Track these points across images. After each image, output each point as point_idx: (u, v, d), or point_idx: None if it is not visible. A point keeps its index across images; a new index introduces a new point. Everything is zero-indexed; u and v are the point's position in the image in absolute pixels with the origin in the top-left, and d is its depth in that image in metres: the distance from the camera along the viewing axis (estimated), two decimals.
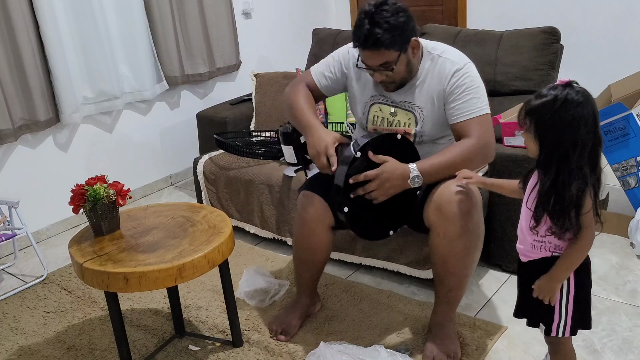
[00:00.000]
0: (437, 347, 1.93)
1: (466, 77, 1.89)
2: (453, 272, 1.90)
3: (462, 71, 1.90)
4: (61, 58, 3.04)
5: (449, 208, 1.80)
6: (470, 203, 1.81)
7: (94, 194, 1.85)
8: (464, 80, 1.89)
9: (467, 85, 1.88)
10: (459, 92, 1.89)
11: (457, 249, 1.85)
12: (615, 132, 2.54)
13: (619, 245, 2.58)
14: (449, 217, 1.81)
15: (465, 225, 1.82)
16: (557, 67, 2.80)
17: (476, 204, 1.84)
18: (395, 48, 1.82)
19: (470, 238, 1.84)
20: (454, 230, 1.82)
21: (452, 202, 1.80)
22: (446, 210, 1.81)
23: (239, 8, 4.09)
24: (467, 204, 1.81)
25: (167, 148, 3.84)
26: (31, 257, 2.98)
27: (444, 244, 1.85)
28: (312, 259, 2.12)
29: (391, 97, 2.01)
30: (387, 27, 1.79)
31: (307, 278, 2.18)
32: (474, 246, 1.88)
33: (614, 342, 1.98)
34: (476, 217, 1.85)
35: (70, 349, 2.18)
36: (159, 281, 1.72)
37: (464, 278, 1.92)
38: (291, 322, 2.14)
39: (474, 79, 1.90)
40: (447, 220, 1.82)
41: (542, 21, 3.55)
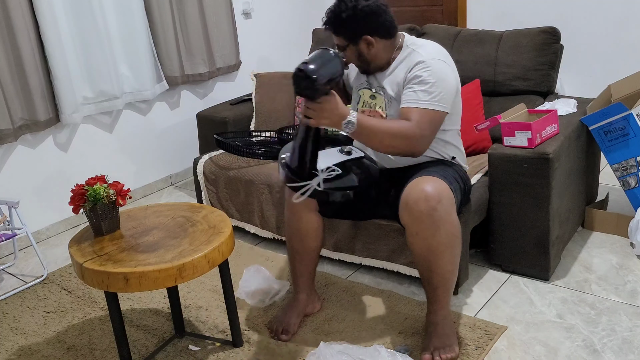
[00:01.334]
0: (435, 345, 1.94)
1: (426, 70, 1.93)
2: (435, 270, 1.91)
3: (425, 64, 1.95)
4: (61, 58, 3.04)
5: (416, 206, 1.83)
6: (437, 199, 1.82)
7: (94, 194, 1.85)
8: (422, 72, 1.93)
9: (424, 77, 1.92)
10: (414, 81, 1.94)
11: (432, 246, 1.86)
12: (615, 132, 2.54)
13: (619, 245, 2.58)
14: (417, 215, 1.83)
15: (435, 223, 1.82)
16: (557, 67, 2.80)
17: (442, 200, 1.83)
18: (344, 37, 2.01)
19: (443, 235, 1.84)
20: (424, 227, 1.83)
21: (419, 200, 1.82)
22: (413, 208, 1.84)
23: (239, 8, 4.09)
24: (433, 201, 1.81)
25: (167, 148, 3.84)
26: (31, 257, 2.98)
27: (418, 242, 1.88)
28: (302, 246, 2.14)
29: (372, 83, 2.12)
30: (344, 16, 1.97)
31: (302, 270, 2.18)
32: (450, 243, 1.87)
33: (614, 342, 1.98)
34: (445, 214, 1.84)
35: (70, 349, 2.18)
36: (159, 281, 1.72)
37: (447, 274, 1.92)
38: (290, 321, 2.14)
39: (434, 74, 1.93)
40: (416, 219, 1.84)
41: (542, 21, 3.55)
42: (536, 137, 2.25)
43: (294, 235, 2.15)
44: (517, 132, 2.27)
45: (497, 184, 2.33)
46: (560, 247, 2.44)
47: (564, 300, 2.23)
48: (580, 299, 2.23)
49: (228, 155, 2.99)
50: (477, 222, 2.34)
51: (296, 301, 2.20)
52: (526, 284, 2.35)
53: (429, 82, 1.91)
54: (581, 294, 2.26)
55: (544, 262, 2.32)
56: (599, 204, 2.83)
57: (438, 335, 1.96)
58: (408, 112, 1.92)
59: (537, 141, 2.25)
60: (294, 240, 2.16)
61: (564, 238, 2.49)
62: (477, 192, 2.33)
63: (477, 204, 2.29)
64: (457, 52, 2.92)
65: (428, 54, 1.98)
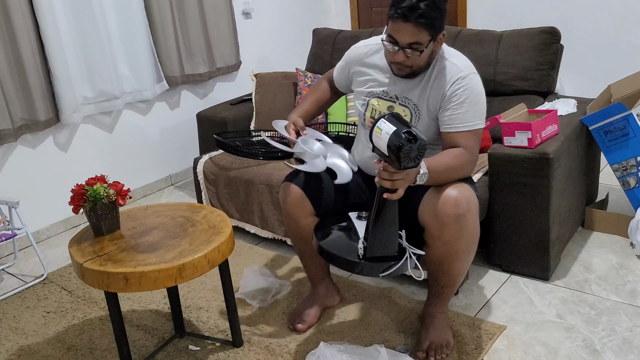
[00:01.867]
0: (430, 337, 1.95)
1: (467, 87, 1.84)
2: (447, 272, 1.91)
3: (465, 80, 1.84)
4: (61, 58, 3.04)
5: (444, 211, 1.79)
6: (466, 207, 1.80)
7: (94, 194, 1.85)
8: (464, 90, 1.83)
9: (467, 96, 1.84)
10: (457, 101, 1.84)
11: (451, 251, 1.85)
12: (615, 132, 2.54)
13: (619, 245, 2.58)
14: (444, 220, 1.80)
15: (460, 230, 1.81)
16: (557, 67, 2.80)
17: (471, 208, 1.81)
18: (431, 31, 1.76)
19: (465, 241, 1.84)
20: (449, 233, 1.81)
21: (447, 204, 1.79)
22: (441, 213, 1.80)
23: (239, 8, 4.09)
24: (462, 208, 1.79)
25: (167, 148, 3.84)
26: (31, 257, 2.98)
27: (438, 245, 1.85)
28: (307, 248, 2.13)
29: (391, 92, 1.98)
30: (433, 6, 1.73)
31: (314, 267, 2.20)
32: (469, 249, 1.88)
33: (614, 342, 1.98)
34: (471, 221, 1.82)
35: (70, 349, 2.18)
36: (159, 281, 1.72)
37: (457, 277, 1.94)
38: (310, 313, 2.17)
39: (474, 91, 1.85)
40: (442, 224, 1.81)
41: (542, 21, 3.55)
42: (536, 137, 2.25)
43: (296, 238, 2.14)
44: (517, 132, 2.27)
45: (497, 184, 2.33)
46: (560, 247, 2.44)
47: (564, 300, 2.23)
48: (580, 299, 2.23)
49: (228, 155, 2.99)
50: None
51: (315, 294, 2.22)
52: (526, 284, 2.35)
53: (473, 101, 1.84)
54: (581, 294, 2.26)
55: (544, 262, 2.32)
56: (599, 204, 2.83)
57: (435, 327, 1.97)
58: (455, 136, 1.85)
59: (537, 141, 2.25)
60: (298, 242, 2.16)
61: (564, 238, 2.49)
62: (477, 192, 2.33)
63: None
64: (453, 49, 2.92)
65: (465, 67, 1.87)
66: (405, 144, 1.55)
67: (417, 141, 1.56)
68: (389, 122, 1.61)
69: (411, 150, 1.57)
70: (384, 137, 1.60)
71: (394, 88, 1.97)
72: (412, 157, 1.59)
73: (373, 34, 2.96)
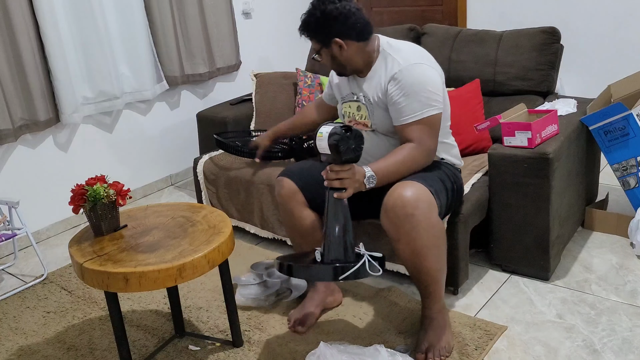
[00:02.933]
0: (430, 339, 1.95)
1: (404, 80, 1.93)
2: (421, 270, 1.91)
3: (402, 74, 1.94)
4: (61, 58, 3.04)
5: (394, 212, 1.83)
6: (414, 205, 1.81)
7: (94, 194, 1.85)
8: (402, 83, 1.93)
9: (406, 89, 1.92)
10: (398, 95, 1.94)
11: (415, 249, 1.86)
12: (615, 132, 2.54)
13: (619, 245, 2.58)
14: (395, 221, 1.83)
15: (414, 228, 1.82)
16: (557, 67, 2.80)
17: (419, 205, 1.82)
18: (316, 40, 2.03)
19: (424, 238, 1.84)
20: (405, 233, 1.83)
21: (395, 206, 1.83)
22: (391, 215, 1.84)
23: (239, 8, 4.09)
24: (410, 207, 1.81)
25: (167, 148, 3.84)
26: (31, 257, 2.98)
27: (401, 247, 1.88)
28: (304, 240, 2.15)
29: (356, 92, 2.12)
30: (313, 20, 1.99)
31: None
32: (432, 244, 1.87)
33: (614, 342, 1.98)
34: (423, 218, 1.83)
35: (70, 349, 2.18)
36: (159, 281, 1.72)
37: (435, 273, 1.93)
38: (309, 312, 2.18)
39: (414, 81, 1.93)
40: (394, 225, 1.84)
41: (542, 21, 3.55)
42: (536, 137, 2.25)
43: (292, 232, 2.17)
44: (517, 132, 2.27)
45: (497, 184, 2.33)
46: (560, 247, 2.44)
47: (564, 300, 2.23)
48: (580, 299, 2.23)
49: (228, 155, 2.99)
50: (477, 222, 2.34)
51: (315, 292, 2.23)
52: (526, 284, 2.35)
53: (414, 91, 1.92)
54: (581, 294, 2.26)
55: (544, 262, 2.32)
56: (599, 204, 2.83)
57: (433, 328, 1.97)
58: (405, 129, 1.95)
59: (537, 141, 2.25)
60: (294, 236, 2.19)
61: (564, 238, 2.49)
62: (477, 192, 2.33)
63: (477, 204, 2.29)
64: (457, 52, 2.92)
65: (404, 60, 1.98)
66: (342, 135, 1.68)
67: (352, 131, 1.69)
68: (328, 125, 1.75)
69: (348, 140, 1.69)
70: (324, 137, 1.73)
71: (355, 87, 2.13)
72: (351, 148, 1.71)
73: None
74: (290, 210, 2.12)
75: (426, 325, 1.99)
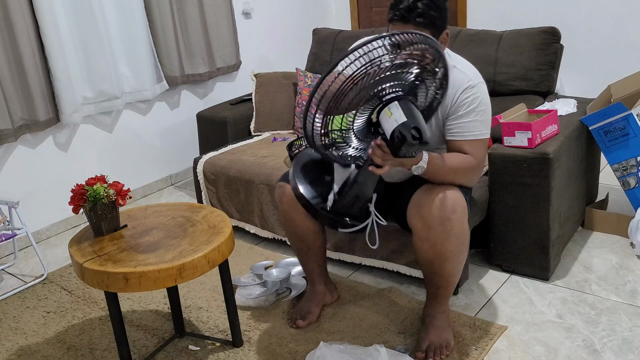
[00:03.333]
0: (430, 338, 1.95)
1: (476, 97, 1.82)
2: (439, 272, 1.91)
3: (474, 90, 1.82)
4: (61, 58, 3.04)
5: (430, 213, 1.79)
6: (452, 209, 1.79)
7: (94, 194, 1.85)
8: (473, 100, 1.82)
9: (476, 106, 1.82)
10: (466, 110, 1.82)
11: (440, 252, 1.84)
12: (615, 132, 2.54)
13: (619, 245, 2.58)
14: (430, 222, 1.80)
15: (446, 232, 1.80)
16: (557, 67, 2.80)
17: (456, 210, 1.80)
18: (432, 30, 1.74)
19: (452, 243, 1.83)
20: (435, 235, 1.81)
21: (433, 207, 1.79)
22: (426, 215, 1.80)
23: (239, 8, 4.09)
24: (448, 210, 1.79)
25: (167, 148, 3.84)
26: (31, 257, 2.98)
27: (426, 247, 1.86)
28: (305, 245, 2.15)
29: None
30: (431, 5, 1.73)
31: (312, 265, 2.21)
32: (458, 250, 1.86)
33: (614, 342, 1.98)
34: (457, 223, 1.81)
35: (70, 349, 2.18)
36: (159, 281, 1.72)
37: (450, 277, 1.93)
38: (310, 309, 2.18)
39: (483, 101, 1.84)
40: (427, 225, 1.81)
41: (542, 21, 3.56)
42: (536, 137, 2.25)
43: (293, 237, 2.16)
44: (517, 132, 2.27)
45: (497, 184, 2.33)
46: (560, 247, 2.44)
47: (564, 300, 2.23)
48: (580, 299, 2.23)
49: (228, 155, 2.99)
50: (477, 222, 2.34)
51: (314, 292, 2.23)
52: (526, 284, 2.35)
53: (481, 111, 1.83)
54: (581, 294, 2.26)
55: (544, 262, 2.32)
56: (599, 204, 2.83)
57: (434, 327, 1.97)
58: (466, 145, 1.84)
59: (537, 141, 2.25)
60: (294, 241, 2.17)
61: (564, 238, 2.49)
62: (477, 192, 2.33)
63: (477, 204, 2.29)
64: (457, 52, 2.89)
65: (473, 75, 1.85)
66: (409, 140, 1.52)
67: (421, 142, 1.53)
68: (401, 109, 1.55)
69: (413, 148, 1.55)
70: (391, 122, 1.54)
71: None
72: (410, 152, 1.59)
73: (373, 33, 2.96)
74: (291, 216, 2.09)
75: (427, 324, 1.99)
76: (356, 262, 2.53)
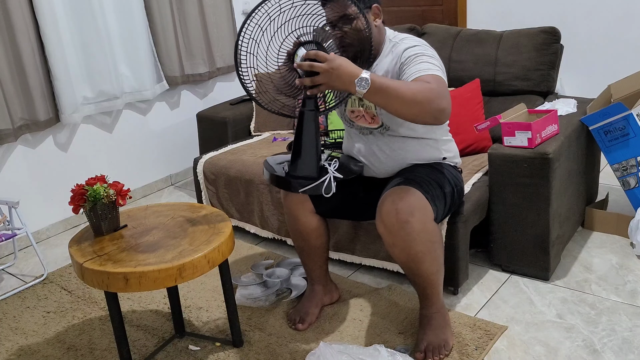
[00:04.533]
0: (428, 338, 1.95)
1: (415, 49, 1.85)
2: (418, 274, 1.91)
3: (415, 48, 1.86)
4: (61, 58, 3.04)
5: (389, 219, 1.81)
6: (408, 212, 1.79)
7: (94, 194, 1.85)
8: (416, 51, 1.84)
9: (421, 52, 1.84)
10: (410, 60, 1.82)
11: (410, 255, 1.84)
12: (615, 132, 2.54)
13: (619, 245, 2.58)
14: (390, 228, 1.82)
15: (409, 235, 1.80)
16: (557, 67, 2.80)
17: (414, 213, 1.79)
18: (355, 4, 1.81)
19: (420, 244, 1.83)
20: (400, 239, 1.82)
21: (390, 213, 1.80)
22: (386, 221, 1.82)
23: (239, 8, 4.09)
24: (404, 214, 1.79)
25: (167, 148, 3.84)
26: (31, 257, 2.98)
27: (397, 252, 1.86)
28: (307, 244, 2.15)
29: None
30: None
31: (312, 265, 2.21)
32: (428, 249, 1.85)
33: (614, 342, 1.98)
34: (418, 225, 1.80)
35: (70, 349, 2.18)
36: (159, 281, 1.72)
37: (431, 276, 1.91)
38: (308, 311, 2.18)
39: (425, 50, 1.86)
40: (389, 231, 1.82)
41: (542, 21, 3.56)
42: (536, 137, 2.25)
43: (296, 235, 2.16)
44: (517, 132, 2.27)
45: (497, 184, 2.33)
46: (560, 247, 2.44)
47: (564, 300, 2.23)
48: (580, 299, 2.23)
49: (228, 155, 2.99)
50: (477, 222, 2.34)
51: (313, 292, 2.23)
52: (526, 284, 2.35)
53: (428, 55, 1.84)
54: (581, 294, 2.26)
55: (544, 262, 2.32)
56: (599, 204, 2.83)
57: (432, 327, 1.97)
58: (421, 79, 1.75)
59: (537, 141, 2.25)
60: (297, 239, 2.18)
61: (564, 238, 2.49)
62: (477, 192, 2.33)
63: (477, 204, 2.29)
64: (457, 52, 2.92)
65: (414, 41, 1.91)
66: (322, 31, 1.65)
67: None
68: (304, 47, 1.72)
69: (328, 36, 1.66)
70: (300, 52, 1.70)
71: None
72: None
73: None
74: (296, 215, 2.10)
75: (424, 324, 1.99)
76: (356, 262, 2.53)
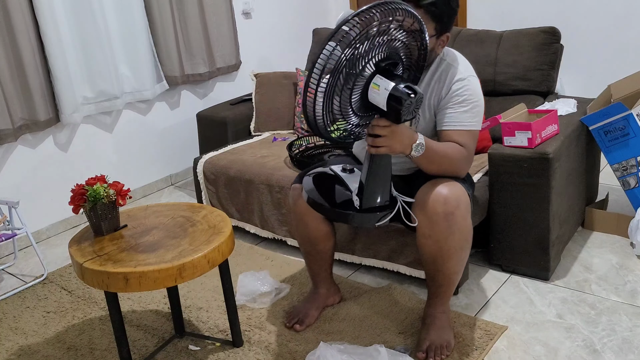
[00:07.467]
0: (431, 338, 1.95)
1: (467, 88, 1.86)
2: (441, 270, 1.91)
3: (465, 82, 1.87)
4: (61, 58, 3.04)
5: (433, 209, 1.80)
6: (455, 204, 1.80)
7: (94, 194, 1.85)
8: (464, 91, 1.86)
9: (466, 97, 1.86)
10: (457, 101, 1.86)
11: (444, 249, 1.85)
12: (615, 132, 2.54)
13: (619, 245, 2.58)
14: (433, 218, 1.81)
15: (450, 227, 1.80)
16: (557, 67, 2.80)
17: (460, 205, 1.81)
18: (438, 24, 1.79)
19: (456, 239, 1.83)
20: (439, 231, 1.81)
21: (437, 202, 1.79)
22: (430, 211, 1.81)
23: (239, 8, 4.09)
24: (451, 206, 1.79)
25: (167, 148, 3.84)
26: (31, 257, 2.98)
27: (429, 244, 1.86)
28: (315, 249, 2.14)
29: None
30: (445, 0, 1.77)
31: (317, 269, 2.21)
32: (461, 247, 1.87)
33: (614, 342, 1.98)
34: (461, 219, 1.82)
35: (70, 349, 2.18)
36: (159, 281, 1.72)
37: (453, 275, 1.93)
38: (308, 312, 2.18)
39: (473, 92, 1.88)
40: (431, 221, 1.82)
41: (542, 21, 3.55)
42: (536, 137, 2.25)
43: (304, 240, 2.15)
44: (517, 132, 2.27)
45: (497, 184, 2.33)
46: (560, 247, 2.44)
47: (564, 300, 2.23)
48: (580, 299, 2.23)
49: (228, 155, 2.99)
50: (477, 222, 2.33)
51: (316, 295, 2.23)
52: (526, 284, 2.35)
53: (472, 103, 1.86)
54: (581, 294, 2.26)
55: (544, 262, 2.33)
56: (599, 204, 2.83)
57: (436, 327, 1.97)
58: (454, 135, 1.86)
59: (537, 141, 2.25)
60: (305, 244, 2.16)
61: (564, 238, 2.49)
62: (477, 192, 2.33)
63: (477, 204, 2.29)
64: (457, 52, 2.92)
65: (464, 68, 1.90)
66: (405, 99, 1.56)
67: (416, 94, 1.57)
68: (385, 78, 1.61)
69: (412, 105, 1.59)
70: (382, 93, 1.59)
71: None
72: (410, 110, 1.61)
73: None
74: (305, 220, 2.07)
75: (428, 324, 1.99)
76: (356, 262, 2.53)
